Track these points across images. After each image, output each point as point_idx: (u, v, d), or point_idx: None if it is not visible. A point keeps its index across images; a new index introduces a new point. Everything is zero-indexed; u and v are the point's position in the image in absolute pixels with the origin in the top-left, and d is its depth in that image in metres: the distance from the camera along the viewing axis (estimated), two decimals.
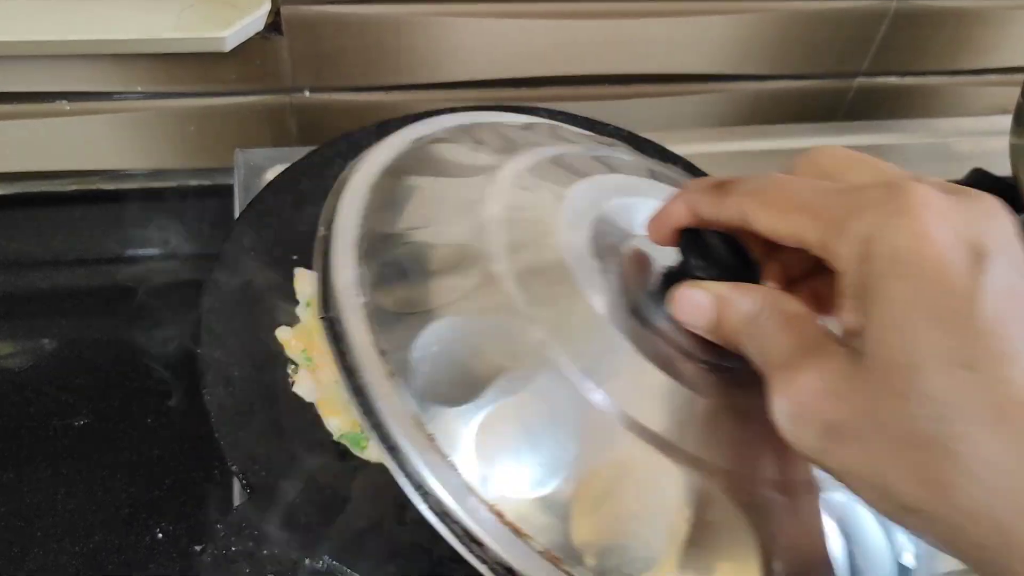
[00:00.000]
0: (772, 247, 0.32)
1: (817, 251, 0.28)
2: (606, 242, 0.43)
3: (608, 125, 0.70)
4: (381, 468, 0.53)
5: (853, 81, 0.91)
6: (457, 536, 0.37)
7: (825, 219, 0.27)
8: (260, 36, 0.72)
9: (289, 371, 0.56)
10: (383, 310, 0.42)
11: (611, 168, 0.50)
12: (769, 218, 0.29)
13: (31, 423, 0.63)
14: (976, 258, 0.24)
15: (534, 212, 0.44)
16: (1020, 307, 0.24)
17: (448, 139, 0.53)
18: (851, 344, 0.26)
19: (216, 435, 0.49)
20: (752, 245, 0.34)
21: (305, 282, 0.60)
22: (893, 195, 0.27)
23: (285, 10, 0.72)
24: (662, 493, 0.36)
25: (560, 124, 0.62)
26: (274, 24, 0.73)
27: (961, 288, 0.24)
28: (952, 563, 0.24)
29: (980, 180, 0.78)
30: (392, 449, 0.39)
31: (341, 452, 0.53)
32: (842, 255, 0.26)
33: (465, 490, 0.37)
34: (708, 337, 0.33)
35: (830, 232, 0.27)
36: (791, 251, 0.30)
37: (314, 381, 0.55)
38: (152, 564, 0.57)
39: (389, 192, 0.49)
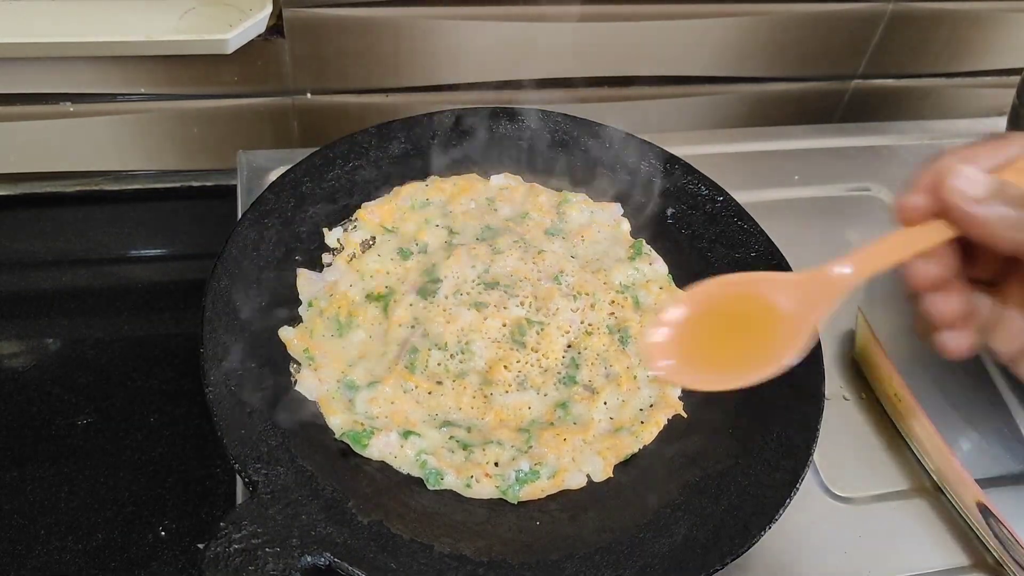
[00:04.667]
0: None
1: None
2: None
3: (607, 127, 0.71)
4: (382, 466, 0.54)
5: (849, 83, 0.91)
6: None
7: None
8: (262, 39, 0.73)
9: (291, 370, 0.56)
10: None
11: None
12: None
13: (34, 422, 0.63)
14: None
15: None
16: None
17: None
18: None
19: (218, 433, 0.50)
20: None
21: (307, 282, 0.61)
22: None
23: (287, 13, 0.72)
24: None
25: None
26: (276, 27, 0.73)
27: None
28: None
29: None
30: None
31: (342, 450, 0.54)
32: None
33: None
34: (982, 223, 0.35)
35: None
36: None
37: (316, 380, 0.56)
38: (155, 562, 0.57)
39: None
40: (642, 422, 0.56)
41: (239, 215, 0.64)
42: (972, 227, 0.35)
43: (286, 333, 0.57)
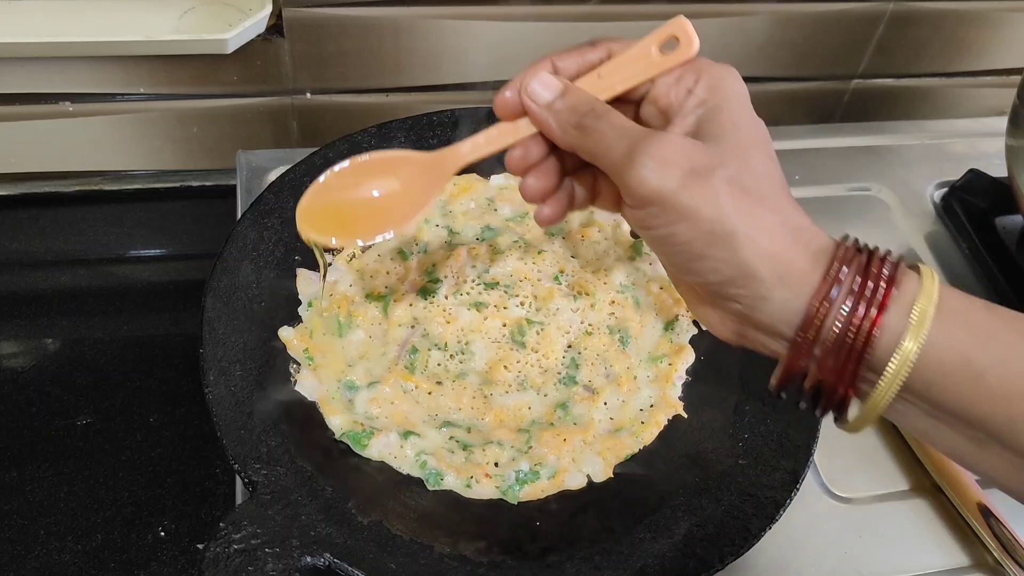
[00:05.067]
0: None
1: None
2: None
3: None
4: (381, 466, 0.54)
5: (849, 83, 0.91)
6: None
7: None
8: (262, 38, 0.73)
9: (291, 370, 0.56)
10: None
11: None
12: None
13: (33, 422, 0.63)
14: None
15: None
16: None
17: None
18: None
19: (218, 434, 0.50)
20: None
21: (307, 282, 0.61)
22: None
23: (286, 12, 0.72)
24: None
25: None
26: (275, 26, 0.73)
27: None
28: None
29: (976, 181, 0.79)
30: None
31: (342, 450, 0.54)
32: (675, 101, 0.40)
33: None
34: (545, 122, 0.41)
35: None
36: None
37: (316, 380, 0.56)
38: (154, 562, 0.57)
39: None
40: (642, 422, 0.56)
41: (239, 215, 0.64)
42: (539, 126, 0.41)
43: (286, 333, 0.57)
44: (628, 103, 0.42)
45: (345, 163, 0.46)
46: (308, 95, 0.79)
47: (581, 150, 0.40)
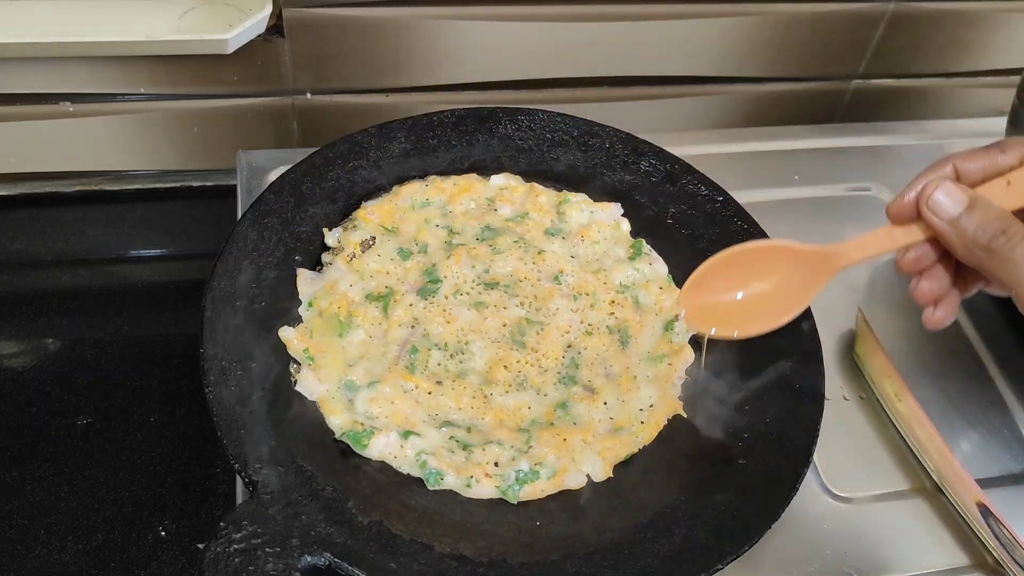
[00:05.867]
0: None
1: None
2: None
3: (607, 127, 0.71)
4: (382, 466, 0.54)
5: (850, 83, 0.91)
6: None
7: None
8: (262, 38, 0.73)
9: (291, 370, 0.56)
10: None
11: None
12: None
13: (34, 422, 0.63)
14: None
15: None
16: None
17: None
18: None
19: (218, 433, 0.50)
20: None
21: (307, 282, 0.61)
22: None
23: (287, 13, 0.72)
24: None
25: None
26: (276, 27, 0.73)
27: None
28: None
29: None
30: None
31: (342, 450, 0.54)
32: None
33: None
34: (949, 237, 0.40)
35: None
36: None
37: (316, 380, 0.56)
38: (155, 562, 0.57)
39: None
40: (642, 422, 0.56)
41: (239, 215, 0.64)
42: (942, 240, 0.41)
43: (286, 333, 0.57)
44: None
45: (728, 250, 0.45)
46: (308, 95, 0.79)
47: (985, 271, 0.40)
